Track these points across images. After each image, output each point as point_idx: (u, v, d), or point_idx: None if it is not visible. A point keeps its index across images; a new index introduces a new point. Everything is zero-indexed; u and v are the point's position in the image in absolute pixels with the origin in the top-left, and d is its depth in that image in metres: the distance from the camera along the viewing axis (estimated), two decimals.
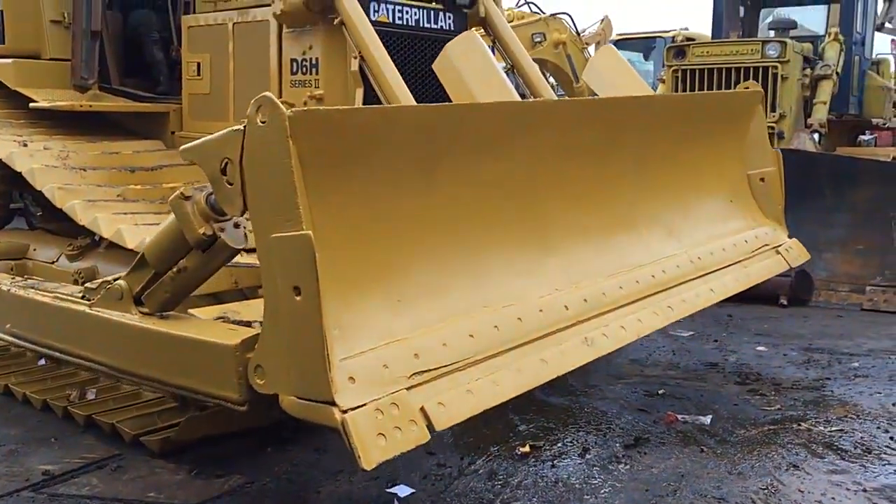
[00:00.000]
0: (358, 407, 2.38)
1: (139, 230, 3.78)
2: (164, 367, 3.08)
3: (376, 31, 4.18)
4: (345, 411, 2.35)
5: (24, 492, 3.38)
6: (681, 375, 5.05)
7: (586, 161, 3.66)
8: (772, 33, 9.27)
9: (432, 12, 4.53)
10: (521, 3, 11.52)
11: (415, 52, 4.44)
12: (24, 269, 4.71)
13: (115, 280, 3.26)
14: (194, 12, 4.89)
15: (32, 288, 3.78)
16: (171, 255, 3.04)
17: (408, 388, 2.55)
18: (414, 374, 2.59)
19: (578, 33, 11.31)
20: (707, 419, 4.23)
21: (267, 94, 2.38)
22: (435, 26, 4.52)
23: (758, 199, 4.83)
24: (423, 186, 2.91)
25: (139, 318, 3.16)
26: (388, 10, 4.30)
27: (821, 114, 8.35)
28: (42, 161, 4.35)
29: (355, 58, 4.00)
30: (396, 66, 4.28)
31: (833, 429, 4.13)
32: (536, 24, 10.84)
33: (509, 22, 10.78)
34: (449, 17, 4.61)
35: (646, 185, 4.08)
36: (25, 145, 4.47)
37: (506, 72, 5.13)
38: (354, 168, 2.64)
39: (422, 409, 2.51)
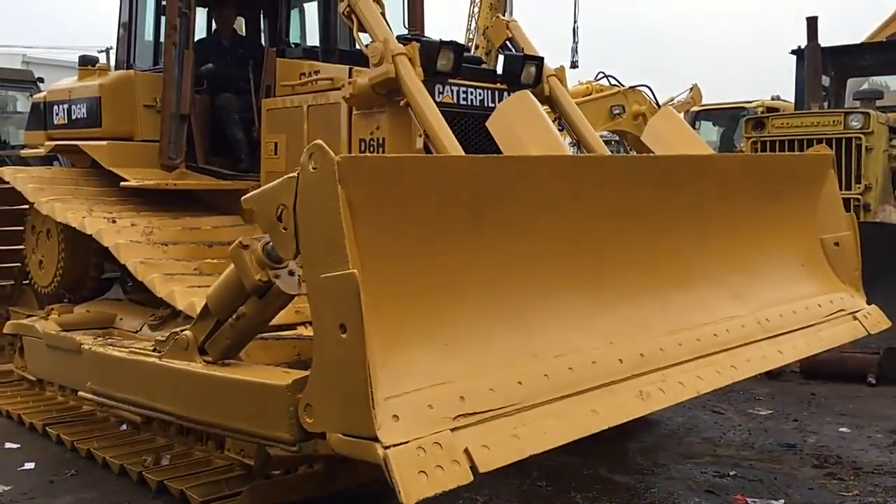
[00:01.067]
0: (400, 444, 2.41)
1: None
2: (222, 411, 3.18)
3: (442, 112, 4.32)
4: (387, 447, 2.38)
5: None
6: (755, 456, 4.88)
7: (642, 219, 3.60)
8: (857, 104, 9.09)
9: (496, 92, 4.66)
10: (599, 77, 11.66)
11: (480, 130, 4.55)
12: (111, 338, 4.97)
13: (182, 331, 3.43)
14: (274, 96, 5.15)
15: (111, 345, 4.01)
16: (231, 302, 3.19)
17: (452, 430, 2.55)
18: (459, 415, 2.60)
19: (658, 105, 11.33)
20: (780, 503, 4.07)
21: (319, 142, 2.51)
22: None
23: (832, 264, 4.66)
24: (472, 235, 2.93)
25: (203, 365, 3.30)
26: (452, 91, 4.45)
27: None
28: (128, 237, 4.63)
29: (420, 136, 4.14)
30: (462, 144, 4.41)
31: None
32: (615, 97, 10.92)
33: (587, 95, 10.95)
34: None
35: (707, 245, 3.98)
36: (114, 221, 4.76)
37: (572, 146, 5.22)
38: (402, 213, 2.71)
39: (466, 450, 2.51)
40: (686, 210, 3.83)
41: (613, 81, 11.37)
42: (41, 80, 13.54)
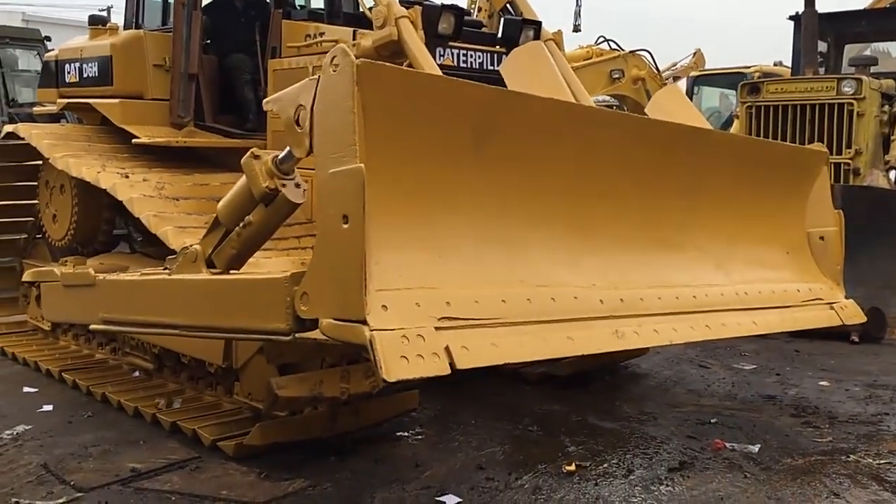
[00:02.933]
0: (386, 330, 2.57)
1: None
2: (225, 313, 3.30)
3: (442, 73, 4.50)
4: (373, 330, 2.53)
5: (114, 486, 3.78)
6: (736, 406, 5.14)
7: (638, 176, 3.76)
8: (852, 70, 9.22)
9: (495, 55, 4.82)
10: (599, 41, 11.76)
11: None
12: None
13: (192, 245, 3.58)
14: (280, 56, 5.29)
15: (123, 273, 4.19)
16: (239, 211, 3.34)
17: (436, 328, 2.71)
18: (444, 317, 2.75)
19: (658, 69, 11.45)
20: (755, 448, 4.32)
21: (342, 45, 2.64)
22: (498, 68, 4.80)
23: (816, 257, 4.81)
24: (473, 157, 3.06)
25: (209, 274, 3.45)
26: (452, 54, 4.62)
27: None
28: (141, 191, 4.82)
29: None
30: None
31: (882, 461, 4.18)
32: (615, 61, 11.05)
33: (588, 58, 11.04)
34: None
35: (697, 214, 4.14)
36: (127, 177, 4.95)
37: None
38: (412, 123, 2.84)
39: (446, 347, 2.66)
40: (681, 177, 3.99)
41: (614, 46, 11.48)
42: (48, 38, 13.63)
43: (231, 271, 3.43)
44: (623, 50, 11.23)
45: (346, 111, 2.58)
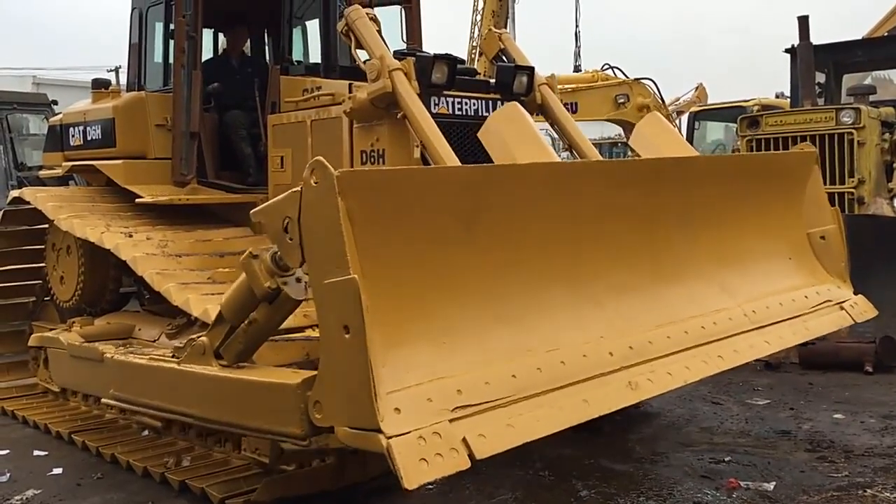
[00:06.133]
0: (402, 434, 2.61)
1: None
2: (238, 411, 3.40)
3: (438, 122, 4.54)
4: (389, 437, 2.58)
5: None
6: (750, 443, 5.06)
7: (630, 219, 3.77)
8: (851, 99, 9.26)
9: (490, 102, 4.87)
10: (605, 68, 11.81)
11: (476, 140, 4.76)
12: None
13: (199, 337, 3.66)
14: (279, 112, 5.37)
15: (131, 353, 4.23)
16: (243, 309, 3.41)
17: (450, 420, 2.75)
18: (456, 407, 2.80)
19: (663, 100, 11.51)
20: (770, 486, 4.26)
21: (319, 158, 2.71)
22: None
23: (819, 257, 4.80)
24: (465, 239, 3.11)
25: (218, 369, 3.52)
26: (447, 102, 4.67)
27: None
28: (144, 250, 4.87)
29: (417, 146, 4.36)
30: (458, 153, 4.63)
31: None
32: (621, 87, 11.14)
33: (593, 82, 11.09)
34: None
35: (693, 242, 4.13)
36: (131, 236, 5.02)
37: (564, 150, 5.43)
38: (399, 221, 2.90)
39: (463, 439, 2.71)
40: (671, 209, 3.99)
41: (619, 73, 11.55)
42: (55, 102, 13.86)
43: (240, 364, 3.49)
44: (628, 77, 11.32)
45: (333, 222, 2.65)
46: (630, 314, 3.65)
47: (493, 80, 5.06)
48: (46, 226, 6.03)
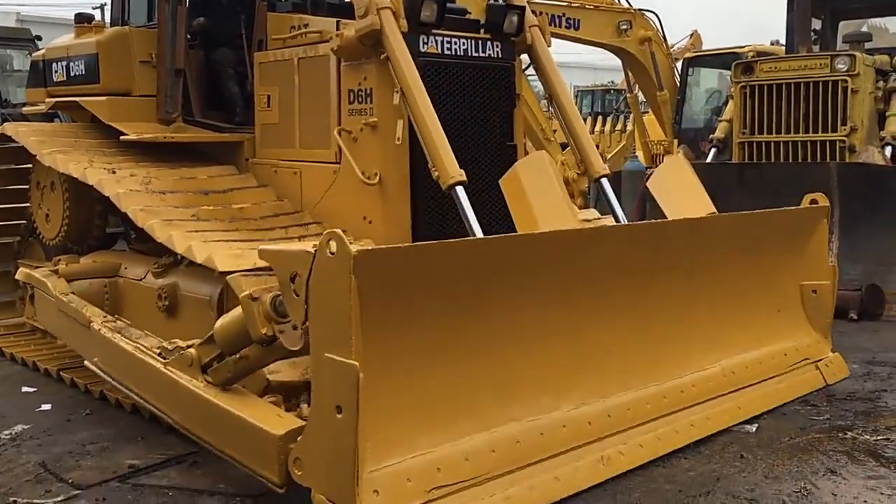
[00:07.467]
0: None
1: (207, 247, 4.15)
2: (218, 436, 3.46)
3: (426, 62, 4.48)
4: None
5: (112, 482, 3.78)
6: None
7: (632, 280, 3.88)
8: (847, 47, 9.17)
9: (480, 42, 4.78)
10: None
11: (464, 79, 4.70)
12: (116, 286, 5.20)
13: (188, 347, 3.65)
14: (266, 49, 5.27)
15: (119, 333, 4.19)
16: (236, 343, 3.41)
17: (426, 503, 2.91)
18: (433, 488, 2.95)
19: (665, 37, 11.37)
20: (752, 427, 4.30)
21: (338, 231, 2.73)
22: (483, 55, 4.78)
23: (807, 310, 4.93)
24: (472, 315, 3.22)
25: (204, 386, 3.53)
26: (437, 41, 4.58)
27: (894, 126, 8.20)
28: (127, 186, 4.80)
29: (397, 92, 4.29)
30: (446, 94, 4.60)
31: (879, 437, 4.16)
32: (625, 14, 11.02)
33: (597, 7, 10.96)
34: (496, 46, 4.84)
35: (694, 297, 4.26)
36: (114, 172, 4.94)
37: (544, 98, 5.37)
38: (407, 297, 2.98)
39: None
40: (677, 269, 4.11)
41: (624, 2, 11.39)
42: (39, 37, 13.58)
43: (226, 390, 3.51)
44: (631, 6, 11.17)
45: (343, 301, 2.68)
46: (616, 376, 3.84)
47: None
48: (31, 165, 5.95)
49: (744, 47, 12.68)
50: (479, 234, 4.04)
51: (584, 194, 9.18)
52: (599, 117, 20.97)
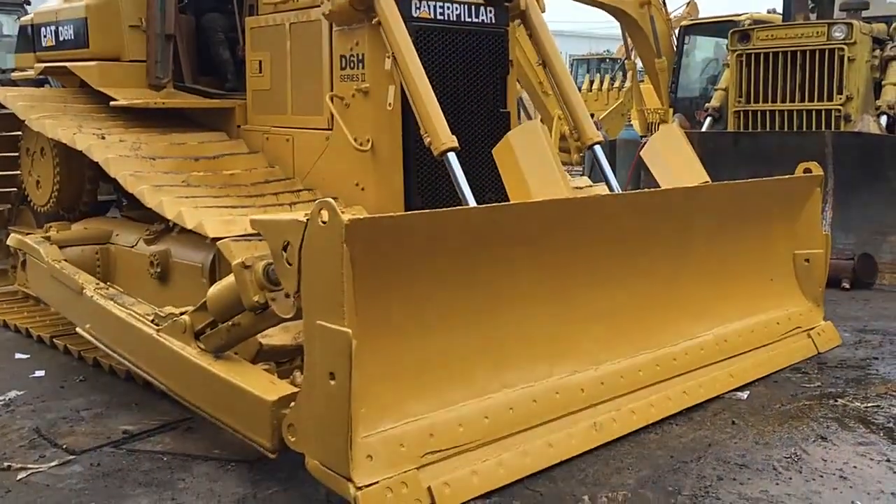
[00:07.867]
0: (371, 484, 2.77)
1: (198, 213, 4.13)
2: (212, 403, 3.46)
3: (419, 26, 4.42)
4: (359, 487, 2.75)
5: (106, 448, 3.78)
6: None
7: (624, 248, 3.87)
8: (843, 15, 9.10)
9: (473, 7, 4.71)
10: None
11: (457, 45, 4.64)
12: (108, 253, 5.17)
13: (181, 314, 3.64)
14: (257, 14, 5.19)
15: (112, 300, 4.18)
16: (229, 310, 3.40)
17: (419, 468, 2.92)
18: (427, 453, 2.96)
19: (665, 2, 11.27)
20: (744, 395, 4.32)
21: (329, 199, 2.71)
22: (476, 20, 4.71)
23: (799, 280, 4.94)
24: (465, 283, 3.21)
25: (197, 353, 3.53)
26: (429, 6, 4.51)
27: (890, 95, 8.17)
28: (117, 151, 4.75)
29: (389, 57, 4.24)
30: (439, 59, 4.54)
31: (869, 405, 4.19)
32: None
33: None
34: (490, 11, 4.77)
35: (687, 265, 4.26)
36: (103, 138, 4.88)
37: (538, 65, 5.32)
38: (399, 266, 2.96)
39: (428, 488, 2.90)
40: (669, 238, 4.10)
41: None
42: (28, 2, 13.41)
43: (219, 356, 3.52)
44: None
45: (335, 269, 2.67)
46: (610, 343, 3.86)
47: None
48: (20, 132, 5.90)
49: (740, 15, 12.59)
50: (472, 201, 4.02)
51: (580, 150, 9.16)
52: (597, 76, 20.94)
